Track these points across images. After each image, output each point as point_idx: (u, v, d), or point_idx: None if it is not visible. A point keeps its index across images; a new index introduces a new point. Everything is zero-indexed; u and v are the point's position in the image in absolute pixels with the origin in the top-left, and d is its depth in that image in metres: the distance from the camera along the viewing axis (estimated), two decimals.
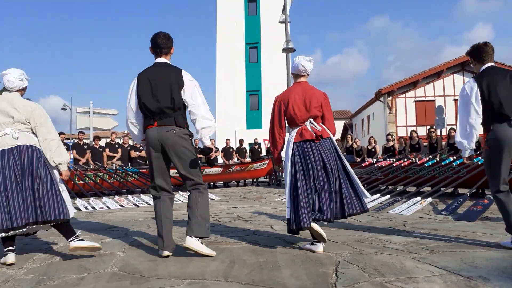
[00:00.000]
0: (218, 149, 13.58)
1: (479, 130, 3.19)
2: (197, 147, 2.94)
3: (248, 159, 13.93)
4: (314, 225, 3.04)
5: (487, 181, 7.06)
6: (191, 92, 3.14)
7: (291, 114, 3.28)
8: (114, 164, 10.40)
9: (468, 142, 3.22)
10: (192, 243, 2.94)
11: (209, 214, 3.15)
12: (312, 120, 3.27)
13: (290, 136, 3.30)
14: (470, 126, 3.18)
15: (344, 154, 12.20)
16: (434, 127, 11.65)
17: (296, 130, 3.28)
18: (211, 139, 3.23)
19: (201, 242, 3.01)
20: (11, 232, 2.83)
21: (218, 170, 12.18)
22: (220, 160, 13.47)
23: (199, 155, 9.42)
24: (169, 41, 3.22)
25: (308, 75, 3.43)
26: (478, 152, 8.69)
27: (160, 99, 3.07)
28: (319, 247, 3.08)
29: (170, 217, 3.14)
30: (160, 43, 3.18)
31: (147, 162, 3.20)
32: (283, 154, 3.46)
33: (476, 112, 3.15)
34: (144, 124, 3.19)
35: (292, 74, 3.48)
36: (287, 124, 3.42)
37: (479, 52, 3.32)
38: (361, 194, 3.20)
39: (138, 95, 3.13)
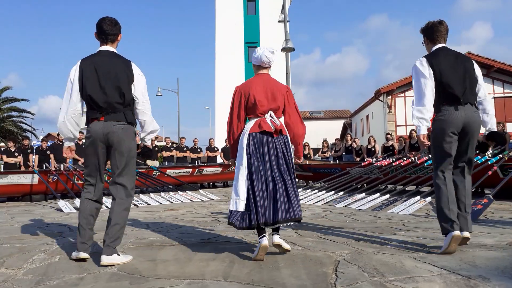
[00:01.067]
0: (218, 149, 13.57)
1: (432, 104, 3.05)
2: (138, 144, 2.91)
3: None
4: (277, 239, 2.93)
5: (486, 180, 7.07)
6: (142, 88, 3.01)
7: (252, 104, 3.08)
8: None
9: (426, 116, 3.01)
10: (109, 259, 2.78)
11: (126, 223, 3.02)
12: (272, 113, 3.10)
13: (247, 127, 3.10)
14: (428, 100, 3.01)
15: (344, 153, 12.21)
16: None
17: (254, 121, 3.09)
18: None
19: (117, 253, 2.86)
20: None
21: (218, 170, 12.17)
22: (219, 160, 13.47)
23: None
24: (115, 27, 2.99)
25: (270, 67, 3.26)
26: (477, 152, 8.71)
27: (109, 93, 2.87)
28: (264, 241, 2.84)
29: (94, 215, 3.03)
30: (106, 29, 2.95)
31: (84, 159, 3.04)
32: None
33: (431, 87, 3.02)
34: (87, 116, 2.96)
35: (254, 66, 3.30)
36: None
37: (433, 30, 3.17)
38: (295, 202, 2.94)
39: (83, 85, 2.89)
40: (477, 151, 3.26)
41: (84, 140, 3.16)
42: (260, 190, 2.93)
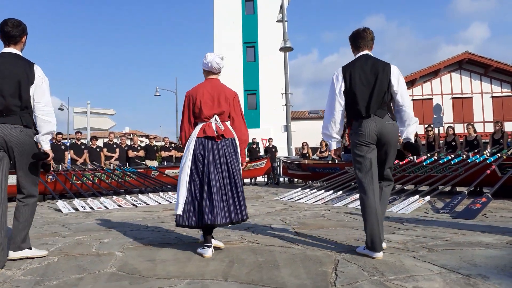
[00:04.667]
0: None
1: (341, 122, 3.13)
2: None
3: (246, 159, 13.90)
4: (214, 242, 3.17)
5: (485, 179, 7.08)
6: (41, 89, 2.99)
7: (198, 109, 3.23)
8: (112, 164, 10.37)
9: (332, 133, 3.13)
10: (18, 254, 3.00)
11: (30, 224, 3.14)
12: (217, 117, 3.23)
13: (194, 131, 3.25)
14: (334, 119, 3.10)
15: (342, 152, 12.21)
16: (432, 125, 11.66)
17: (200, 125, 3.24)
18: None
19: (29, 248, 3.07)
20: None
21: None
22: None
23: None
24: (18, 29, 2.96)
25: (219, 72, 3.39)
26: (476, 151, 8.73)
27: (6, 95, 2.85)
28: (208, 252, 3.01)
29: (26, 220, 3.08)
30: (7, 31, 2.93)
31: None
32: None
33: (339, 104, 3.08)
34: None
35: (204, 71, 3.41)
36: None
37: (356, 37, 3.18)
38: (242, 203, 3.15)
39: None
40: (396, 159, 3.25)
41: (82, 141, 3.26)
42: (200, 193, 3.10)
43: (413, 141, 3.13)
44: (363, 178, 2.99)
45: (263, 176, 14.81)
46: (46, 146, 3.01)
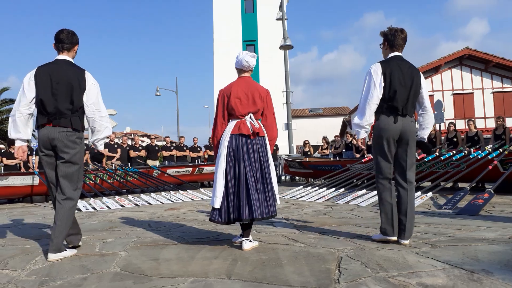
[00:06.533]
0: (201, 148, 13.51)
1: (374, 114, 3.22)
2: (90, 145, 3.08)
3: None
4: (245, 244, 3.15)
5: (487, 175, 7.09)
6: (94, 96, 3.14)
7: (232, 107, 3.25)
8: (113, 164, 10.38)
9: (365, 124, 3.21)
10: (57, 256, 3.00)
11: (68, 227, 3.11)
12: (252, 115, 3.27)
13: (228, 128, 3.28)
14: (370, 111, 3.17)
15: (344, 150, 12.21)
16: None
17: (235, 122, 3.27)
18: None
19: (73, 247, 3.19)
20: None
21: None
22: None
23: (89, 161, 9.74)
24: (73, 37, 3.17)
25: (251, 70, 3.44)
26: (478, 146, 8.72)
27: (59, 100, 3.02)
28: (247, 245, 3.14)
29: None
30: (62, 38, 3.12)
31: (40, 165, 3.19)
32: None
33: (377, 98, 3.15)
34: (38, 122, 3.11)
35: (236, 69, 3.46)
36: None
37: (393, 37, 3.25)
38: (273, 199, 3.20)
39: (36, 91, 3.03)
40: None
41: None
42: (233, 189, 3.15)
43: (426, 141, 3.34)
44: (381, 171, 3.21)
45: None
46: (101, 147, 3.27)
